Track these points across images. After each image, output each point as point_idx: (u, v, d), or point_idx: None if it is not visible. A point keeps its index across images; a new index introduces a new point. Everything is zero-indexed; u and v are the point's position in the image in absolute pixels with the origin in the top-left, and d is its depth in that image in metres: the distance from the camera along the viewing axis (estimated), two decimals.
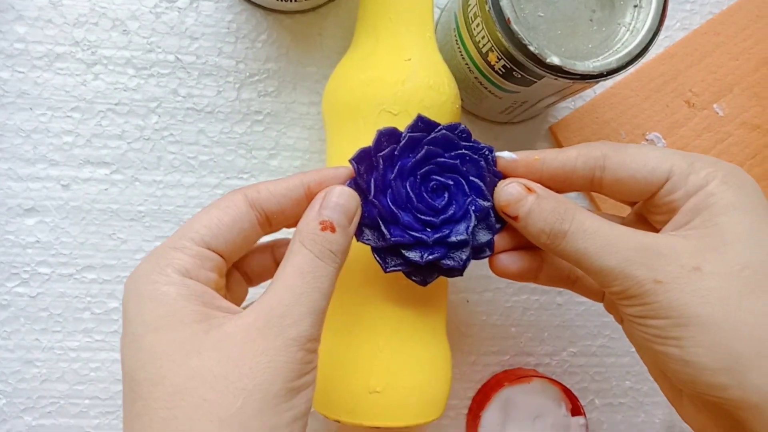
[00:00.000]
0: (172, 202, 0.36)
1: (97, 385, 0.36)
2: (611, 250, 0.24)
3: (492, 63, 0.30)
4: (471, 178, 0.27)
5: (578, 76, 0.28)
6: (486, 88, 0.33)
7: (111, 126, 0.36)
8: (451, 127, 0.27)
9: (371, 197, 0.25)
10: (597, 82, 0.28)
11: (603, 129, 0.39)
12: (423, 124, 0.27)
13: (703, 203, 0.24)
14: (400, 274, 0.27)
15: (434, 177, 0.26)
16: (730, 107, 0.40)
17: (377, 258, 0.26)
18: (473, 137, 0.27)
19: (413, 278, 0.27)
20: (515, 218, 0.26)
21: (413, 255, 0.26)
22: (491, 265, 0.28)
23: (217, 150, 0.36)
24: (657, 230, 0.26)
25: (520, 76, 0.29)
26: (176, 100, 0.36)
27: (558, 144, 0.39)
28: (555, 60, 0.27)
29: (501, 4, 0.27)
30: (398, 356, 0.29)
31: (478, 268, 0.32)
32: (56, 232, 0.35)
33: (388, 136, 0.26)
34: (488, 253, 0.28)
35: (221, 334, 0.22)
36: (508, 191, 0.26)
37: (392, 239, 0.25)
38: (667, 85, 0.40)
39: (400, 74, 0.29)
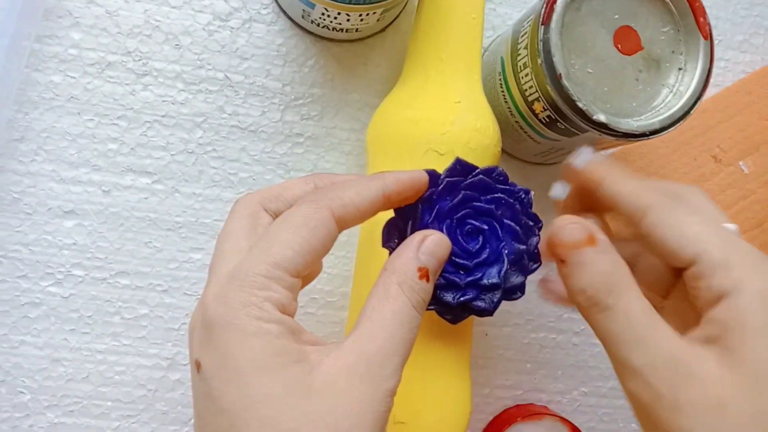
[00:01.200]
0: (210, 216, 0.37)
1: (120, 389, 0.36)
2: (643, 349, 0.22)
3: (537, 112, 0.31)
4: (506, 221, 0.27)
5: (621, 134, 0.29)
6: (526, 132, 0.34)
7: (156, 137, 0.37)
8: (488, 171, 0.28)
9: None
10: (638, 141, 0.29)
11: None
12: (461, 167, 0.27)
13: (734, 319, 0.21)
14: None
15: (470, 221, 0.27)
16: (756, 165, 0.41)
17: None
18: (509, 178, 0.28)
19: (445, 317, 0.28)
20: (562, 262, 0.24)
21: (447, 296, 0.27)
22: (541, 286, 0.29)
23: (257, 168, 0.37)
24: (695, 310, 0.24)
25: (563, 127, 0.30)
26: (222, 117, 0.37)
27: None
28: (601, 117, 0.28)
29: (554, 59, 0.28)
30: (425, 388, 0.29)
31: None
32: (93, 236, 0.36)
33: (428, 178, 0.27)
34: (519, 294, 0.28)
35: (325, 376, 0.21)
36: (569, 232, 0.24)
37: None
38: (696, 139, 0.41)
39: (448, 115, 0.30)
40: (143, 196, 0.36)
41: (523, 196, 0.28)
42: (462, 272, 0.27)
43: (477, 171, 0.27)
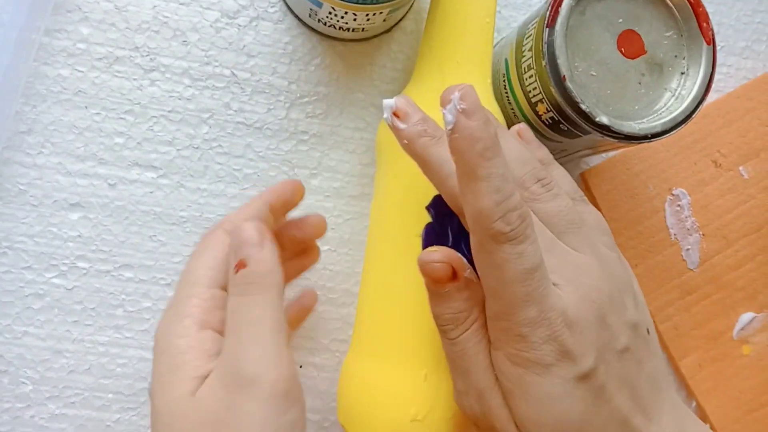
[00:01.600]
0: (214, 211, 0.37)
1: (122, 381, 0.37)
2: (464, 377, 0.26)
3: (540, 113, 0.31)
4: None
5: (623, 137, 0.29)
6: None
7: (162, 132, 0.37)
8: None
9: (449, 245, 0.27)
10: (640, 143, 0.30)
11: (632, 180, 0.40)
12: None
13: None
14: None
15: None
16: (755, 171, 0.42)
17: None
18: None
19: None
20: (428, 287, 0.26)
21: None
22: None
23: (262, 165, 0.38)
24: None
25: (566, 129, 0.31)
26: (228, 113, 0.37)
27: (587, 190, 0.40)
28: (604, 120, 0.29)
29: (558, 61, 0.28)
30: (440, 386, 0.30)
31: None
32: (98, 228, 0.37)
33: None
34: None
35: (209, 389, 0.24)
36: (433, 269, 0.25)
37: None
38: (696, 143, 0.41)
39: None
40: (149, 191, 0.37)
41: None
42: None
43: None
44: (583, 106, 0.28)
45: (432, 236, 0.27)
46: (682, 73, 0.31)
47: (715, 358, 0.41)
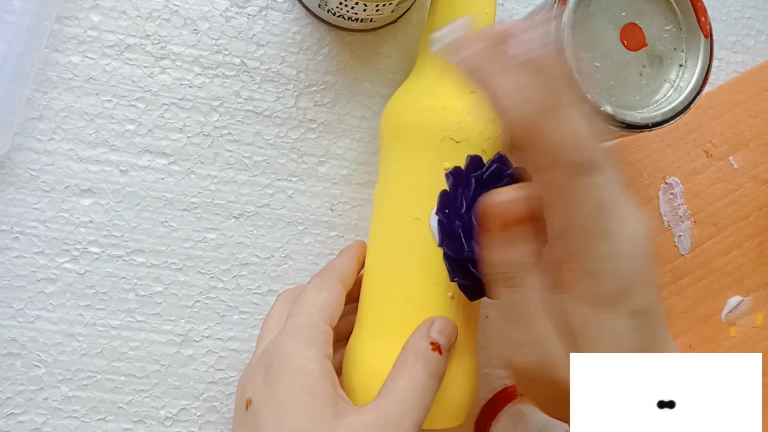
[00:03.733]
0: (224, 197, 0.38)
1: (134, 364, 0.37)
2: (530, 326, 0.25)
3: None
4: None
5: (625, 125, 0.31)
6: None
7: (173, 119, 0.37)
8: (499, 160, 0.30)
9: (462, 211, 0.28)
10: (641, 132, 0.31)
11: (628, 169, 0.42)
12: (474, 162, 0.29)
13: None
14: (453, 290, 0.30)
15: None
16: (745, 161, 0.43)
17: (447, 265, 0.29)
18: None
19: (468, 292, 0.29)
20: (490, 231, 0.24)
21: (478, 272, 0.28)
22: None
23: (271, 152, 0.38)
24: None
25: None
26: (237, 101, 0.38)
27: None
28: (608, 109, 0.30)
29: (565, 53, 0.30)
30: None
31: None
32: (110, 214, 0.37)
33: (477, 161, 0.29)
34: None
35: (347, 427, 0.26)
36: (509, 206, 0.24)
37: (467, 253, 0.28)
38: (689, 134, 0.43)
39: (465, 105, 0.31)
40: (160, 177, 0.37)
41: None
42: None
43: (490, 161, 0.29)
44: (588, 96, 0.30)
45: (446, 203, 0.29)
46: (681, 65, 0.32)
47: (704, 339, 0.43)
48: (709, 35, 0.31)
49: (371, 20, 0.37)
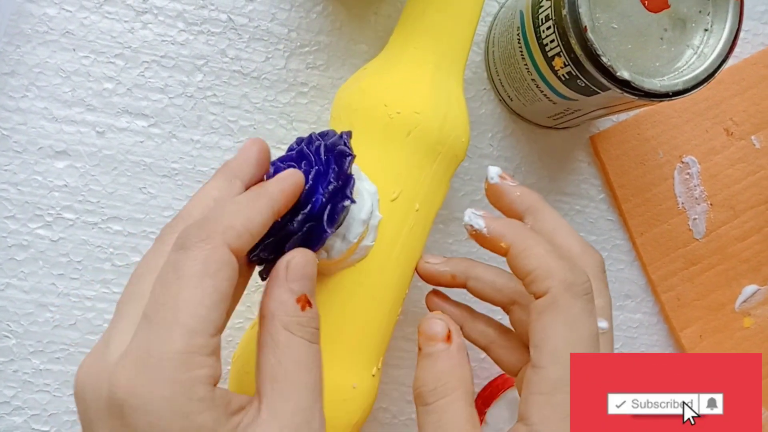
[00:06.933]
0: (207, 164, 0.36)
1: None
2: None
3: (556, 68, 0.30)
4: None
5: (643, 94, 0.28)
6: (542, 91, 0.33)
7: (154, 78, 0.35)
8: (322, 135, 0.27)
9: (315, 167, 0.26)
10: (660, 101, 0.28)
11: (643, 146, 0.39)
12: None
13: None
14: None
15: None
16: None
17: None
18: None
19: (265, 270, 0.25)
20: (420, 350, 0.26)
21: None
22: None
23: (259, 117, 0.36)
24: None
25: (584, 84, 0.29)
26: (223, 60, 0.35)
27: (596, 155, 0.39)
28: (625, 74, 0.27)
29: (579, 11, 0.27)
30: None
31: None
32: (86, 178, 0.35)
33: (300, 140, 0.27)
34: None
35: None
36: (430, 325, 0.26)
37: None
38: (709, 110, 0.40)
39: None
40: (139, 140, 0.35)
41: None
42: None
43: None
44: (603, 59, 0.27)
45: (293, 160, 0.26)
46: (706, 30, 0.29)
47: (716, 329, 0.40)
48: None
49: None
